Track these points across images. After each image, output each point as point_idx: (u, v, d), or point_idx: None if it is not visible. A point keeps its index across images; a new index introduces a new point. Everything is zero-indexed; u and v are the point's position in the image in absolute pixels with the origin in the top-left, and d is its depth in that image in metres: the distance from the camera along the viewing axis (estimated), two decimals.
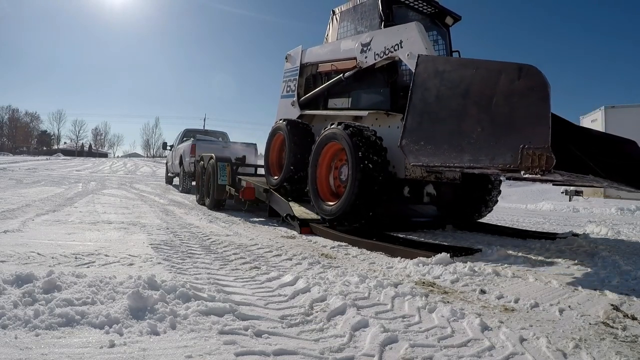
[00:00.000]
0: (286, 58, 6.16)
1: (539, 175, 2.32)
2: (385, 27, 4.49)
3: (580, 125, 12.40)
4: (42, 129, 69.87)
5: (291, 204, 4.72)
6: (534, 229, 5.29)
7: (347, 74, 4.79)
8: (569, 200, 11.73)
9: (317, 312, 1.81)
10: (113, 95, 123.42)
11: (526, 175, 2.42)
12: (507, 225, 5.64)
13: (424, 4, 4.91)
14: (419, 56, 3.29)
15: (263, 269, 2.57)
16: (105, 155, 64.35)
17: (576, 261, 3.10)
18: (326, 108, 5.33)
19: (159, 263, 2.55)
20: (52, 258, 2.52)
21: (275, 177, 5.38)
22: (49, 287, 1.82)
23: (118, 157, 62.18)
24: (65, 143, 69.90)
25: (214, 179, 6.47)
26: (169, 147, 12.93)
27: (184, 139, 11.62)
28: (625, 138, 3.64)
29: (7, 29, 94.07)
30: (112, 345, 1.36)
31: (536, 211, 9.67)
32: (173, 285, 1.92)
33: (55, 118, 70.04)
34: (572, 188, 12.38)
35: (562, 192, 12.99)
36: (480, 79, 2.67)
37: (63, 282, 1.90)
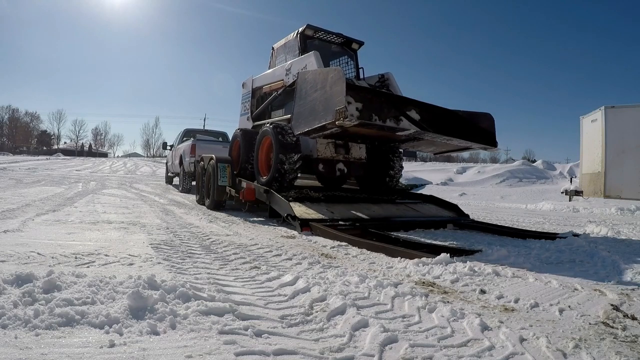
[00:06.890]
0: (242, 85, 7.89)
1: (341, 120, 3.77)
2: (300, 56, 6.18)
3: (580, 125, 12.39)
4: (42, 129, 69.99)
5: (292, 204, 4.73)
6: (534, 229, 5.28)
7: (279, 91, 6.40)
8: (569, 200, 11.72)
9: (317, 312, 1.81)
10: (113, 95, 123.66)
11: (338, 123, 3.82)
12: (507, 225, 5.64)
13: (333, 36, 6.71)
14: (298, 73, 5.08)
15: (263, 268, 2.57)
16: (105, 155, 64.43)
17: (576, 261, 3.10)
18: (270, 119, 6.94)
19: (159, 263, 2.55)
20: (52, 258, 2.52)
21: (234, 172, 6.89)
22: (49, 287, 1.82)
23: (118, 157, 62.28)
24: (65, 143, 69.98)
25: (214, 179, 6.47)
26: (169, 147, 12.92)
27: (184, 139, 11.62)
28: (482, 112, 5.17)
29: (7, 29, 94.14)
30: (112, 345, 1.36)
31: (536, 211, 9.67)
32: (173, 285, 1.92)
33: (55, 118, 70.28)
34: (572, 188, 12.40)
35: (562, 192, 12.99)
36: (321, 78, 4.26)
37: (63, 282, 1.90)
